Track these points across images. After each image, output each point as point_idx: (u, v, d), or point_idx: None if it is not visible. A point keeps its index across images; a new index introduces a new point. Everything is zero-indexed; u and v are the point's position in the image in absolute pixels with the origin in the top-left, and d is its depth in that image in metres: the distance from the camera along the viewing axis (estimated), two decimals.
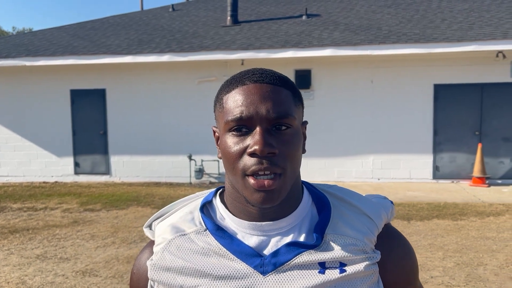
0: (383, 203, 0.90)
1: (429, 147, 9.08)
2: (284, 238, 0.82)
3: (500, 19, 9.41)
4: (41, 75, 10.00)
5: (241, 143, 0.78)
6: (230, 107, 0.79)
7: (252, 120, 0.77)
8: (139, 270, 0.89)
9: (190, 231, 0.85)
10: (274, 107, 0.77)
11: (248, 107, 0.77)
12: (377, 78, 9.11)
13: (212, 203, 0.89)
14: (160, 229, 0.88)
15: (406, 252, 0.88)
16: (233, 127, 0.78)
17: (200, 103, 9.40)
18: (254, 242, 0.82)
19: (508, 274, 4.28)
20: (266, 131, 0.77)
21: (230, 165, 0.79)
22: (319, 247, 0.81)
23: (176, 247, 0.84)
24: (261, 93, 0.78)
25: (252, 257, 0.80)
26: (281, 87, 0.80)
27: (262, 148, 0.74)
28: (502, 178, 8.90)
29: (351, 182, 9.14)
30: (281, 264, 0.80)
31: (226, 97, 0.81)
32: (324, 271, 0.79)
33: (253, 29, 10.32)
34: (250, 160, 0.76)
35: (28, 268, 4.60)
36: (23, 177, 10.28)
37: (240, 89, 0.79)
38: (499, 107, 8.83)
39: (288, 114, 0.78)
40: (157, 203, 7.53)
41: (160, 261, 0.84)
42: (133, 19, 12.18)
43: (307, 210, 0.85)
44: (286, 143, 0.78)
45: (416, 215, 6.49)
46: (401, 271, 0.86)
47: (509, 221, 6.13)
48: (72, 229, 6.06)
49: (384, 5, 11.30)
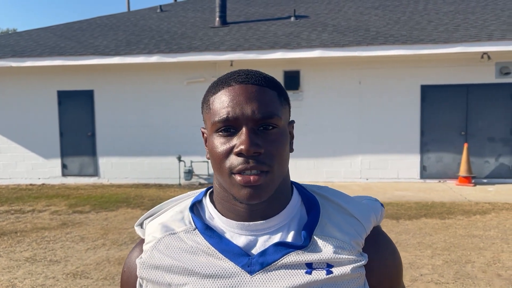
0: (373, 206, 0.91)
1: (416, 147, 9.19)
2: (272, 237, 0.83)
3: (485, 21, 9.58)
4: (28, 76, 9.89)
5: (228, 143, 0.79)
6: (217, 108, 0.80)
7: (238, 120, 0.78)
8: (129, 268, 0.90)
9: (179, 230, 0.86)
10: (260, 108, 0.78)
11: (234, 108, 0.78)
12: (365, 79, 9.20)
13: (202, 202, 0.90)
14: (151, 227, 0.89)
15: (392, 254, 0.89)
16: (220, 128, 0.79)
17: (189, 104, 9.39)
18: (242, 242, 0.83)
19: (496, 271, 4.37)
20: (252, 131, 0.78)
21: (217, 164, 0.80)
22: (307, 248, 0.81)
23: (165, 246, 0.85)
24: (247, 94, 0.79)
25: (239, 256, 0.81)
26: (267, 88, 0.82)
27: (248, 147, 0.75)
28: (488, 177, 9.05)
29: (340, 182, 9.21)
30: (268, 264, 0.80)
31: (212, 98, 0.82)
32: (311, 271, 0.80)
33: (242, 30, 10.34)
34: (237, 160, 0.78)
35: (18, 271, 4.55)
36: (9, 180, 10.14)
37: (226, 90, 0.81)
38: (485, 107, 8.98)
39: (273, 114, 0.79)
40: (146, 205, 7.50)
41: (149, 259, 0.85)
42: (120, 20, 12.11)
43: (296, 210, 0.86)
44: (272, 142, 0.79)
45: (404, 214, 6.57)
46: (386, 273, 0.87)
47: (495, 219, 6.24)
48: (61, 231, 6.01)
49: (372, 7, 11.41)
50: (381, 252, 0.87)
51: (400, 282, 0.92)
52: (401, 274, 0.92)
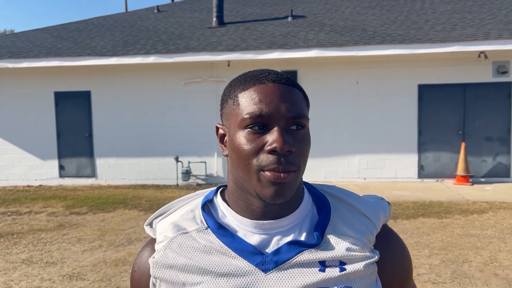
0: (381, 204, 0.92)
1: (414, 147, 9.19)
2: (285, 237, 0.83)
3: (482, 20, 9.58)
4: (25, 77, 9.86)
5: (258, 140, 0.79)
6: (248, 104, 0.80)
7: (271, 118, 0.78)
8: (140, 268, 0.90)
9: (191, 229, 0.86)
10: (292, 107, 0.80)
11: (268, 105, 0.79)
12: (363, 78, 9.20)
13: (213, 201, 0.90)
14: (162, 227, 0.89)
15: (403, 252, 0.91)
16: (249, 124, 0.79)
17: (187, 104, 9.37)
18: (255, 240, 0.83)
19: (493, 270, 4.36)
20: (284, 129, 0.79)
21: (244, 161, 0.80)
22: (320, 246, 0.82)
23: (178, 245, 0.85)
24: (280, 93, 0.80)
25: (253, 255, 0.82)
26: (295, 88, 0.83)
27: (282, 145, 0.76)
28: (485, 176, 9.05)
29: (337, 182, 9.20)
30: (282, 262, 0.81)
31: (242, 94, 0.81)
32: (324, 269, 0.81)
33: (239, 30, 10.33)
34: (269, 157, 0.78)
35: (14, 273, 4.53)
36: (6, 181, 10.11)
37: (259, 87, 0.81)
38: (482, 106, 8.99)
39: (303, 114, 0.81)
40: (144, 206, 7.49)
41: (162, 259, 0.85)
42: (117, 21, 12.09)
43: (308, 210, 0.87)
44: (301, 141, 0.80)
45: (402, 214, 6.57)
46: (398, 270, 0.89)
47: (493, 219, 6.24)
48: (58, 233, 5.99)
49: (369, 7, 11.41)
50: (392, 249, 0.89)
51: (410, 278, 0.94)
52: (411, 270, 0.94)
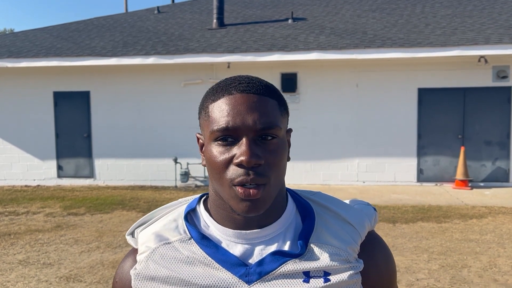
0: (366, 211, 0.91)
1: (413, 151, 9.18)
2: (269, 246, 0.82)
3: (482, 24, 9.59)
4: (24, 77, 9.83)
5: (227, 153, 0.77)
6: (216, 116, 0.78)
7: (238, 130, 0.77)
8: (122, 280, 0.88)
9: (174, 239, 0.84)
10: (261, 118, 0.77)
11: (234, 117, 0.77)
12: (362, 82, 9.19)
13: (196, 210, 0.88)
14: (144, 237, 0.87)
15: (385, 260, 0.90)
16: (218, 137, 0.78)
17: (186, 106, 9.35)
18: (239, 251, 0.82)
19: (492, 276, 4.34)
20: (252, 141, 0.77)
21: (216, 174, 0.79)
22: (304, 256, 0.81)
23: (160, 256, 0.83)
24: (248, 104, 0.78)
25: (237, 266, 0.80)
26: (267, 97, 0.80)
27: (248, 159, 0.74)
28: (484, 180, 9.04)
29: (336, 185, 9.19)
30: (266, 273, 0.80)
31: (212, 106, 0.80)
32: (308, 280, 0.80)
33: (239, 32, 10.32)
34: (237, 171, 0.76)
35: (10, 274, 4.50)
36: (4, 181, 10.08)
37: (227, 98, 0.79)
38: (481, 111, 8.99)
39: (274, 124, 0.78)
40: (142, 207, 7.46)
41: (144, 270, 0.83)
42: (118, 21, 12.07)
43: (291, 218, 0.86)
44: (272, 152, 0.78)
45: (401, 218, 6.55)
46: (381, 277, 0.88)
47: (492, 224, 6.23)
48: (56, 234, 5.96)
49: (369, 10, 11.41)
50: (375, 257, 0.88)
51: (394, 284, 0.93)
52: (394, 279, 0.93)
